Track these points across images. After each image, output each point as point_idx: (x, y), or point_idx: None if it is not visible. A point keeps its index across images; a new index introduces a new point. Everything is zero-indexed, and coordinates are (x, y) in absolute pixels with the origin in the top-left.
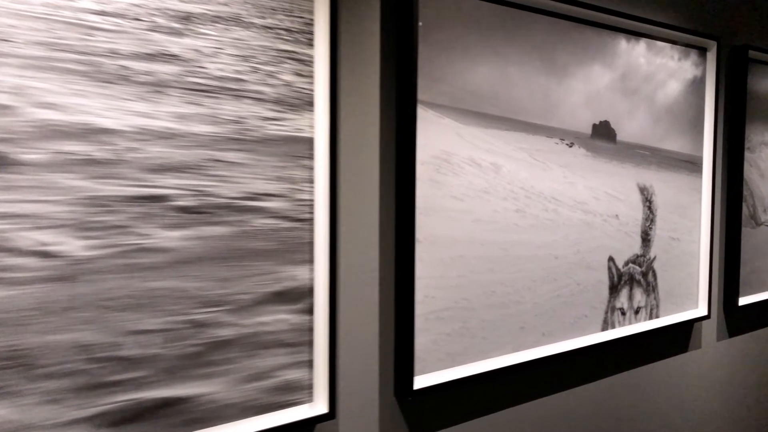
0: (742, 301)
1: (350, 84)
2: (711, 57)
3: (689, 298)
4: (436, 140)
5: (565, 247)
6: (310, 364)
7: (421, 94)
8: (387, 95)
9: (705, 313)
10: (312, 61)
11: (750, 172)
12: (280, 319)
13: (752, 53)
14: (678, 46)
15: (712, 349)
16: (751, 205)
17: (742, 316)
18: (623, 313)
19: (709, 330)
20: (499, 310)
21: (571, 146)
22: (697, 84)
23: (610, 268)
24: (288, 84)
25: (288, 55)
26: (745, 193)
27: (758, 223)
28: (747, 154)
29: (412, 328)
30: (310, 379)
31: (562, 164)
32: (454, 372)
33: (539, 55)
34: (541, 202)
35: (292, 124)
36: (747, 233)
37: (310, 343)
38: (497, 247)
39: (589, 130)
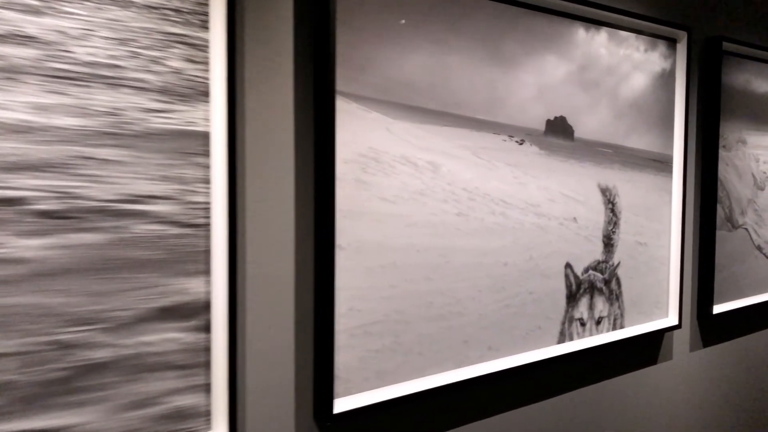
0: (718, 308)
1: (257, 72)
2: (681, 49)
3: (658, 307)
4: (362, 136)
5: (515, 253)
6: (207, 388)
7: (342, 85)
8: (303, 85)
9: (676, 322)
10: (207, 46)
11: (726, 172)
12: (168, 338)
13: (726, 45)
14: (644, 37)
15: (685, 361)
16: (727, 206)
17: (718, 324)
18: (583, 324)
19: (681, 340)
20: (438, 323)
21: (521, 144)
22: (666, 77)
23: (567, 276)
24: (177, 71)
25: (177, 39)
26: (720, 194)
27: (735, 226)
28: (722, 153)
29: (332, 344)
30: (208, 405)
31: (511, 163)
32: (384, 392)
33: (483, 43)
34: (487, 205)
35: (182, 117)
36: (723, 236)
37: (206, 365)
38: (436, 254)
39: (542, 126)
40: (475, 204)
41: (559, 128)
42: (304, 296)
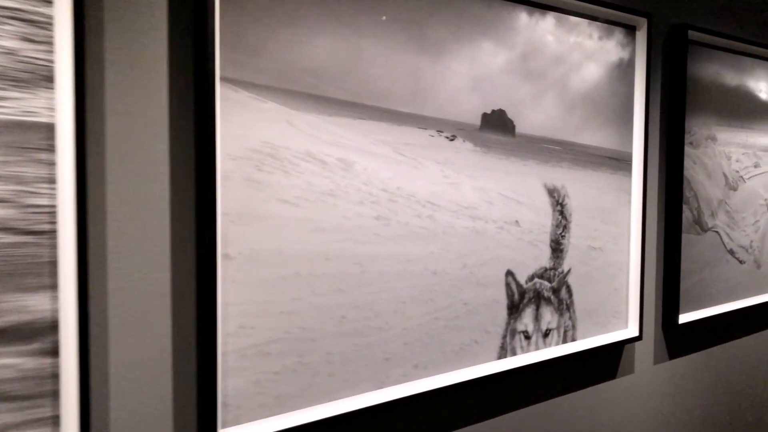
0: (685, 317)
1: (122, 54)
2: (641, 37)
3: (617, 317)
4: (254, 129)
5: (446, 260)
6: (55, 420)
7: (229, 70)
8: (182, 70)
9: (636, 333)
10: (51, 23)
11: (694, 171)
12: (3, 364)
13: (693, 34)
14: (599, 23)
15: (649, 374)
16: (695, 208)
17: (685, 334)
18: (527, 337)
19: (644, 352)
20: (354, 340)
21: (452, 140)
22: (625, 68)
23: (508, 284)
24: (10, 52)
25: (10, 14)
26: (687, 194)
27: (704, 229)
28: (689, 150)
29: (215, 367)
30: None
31: (440, 161)
32: (285, 420)
33: (404, 27)
34: (411, 207)
35: (17, 106)
36: (691, 240)
37: (54, 394)
38: (350, 263)
39: (477, 121)
40: (397, 206)
41: (497, 123)
42: (185, 313)
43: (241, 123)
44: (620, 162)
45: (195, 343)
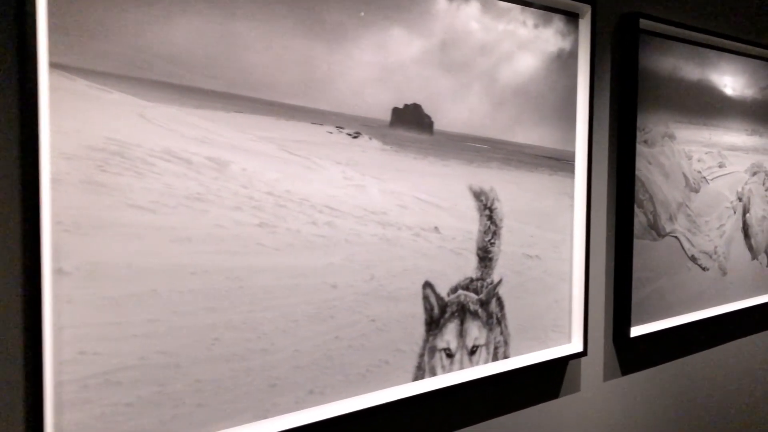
0: (640, 330)
1: None
2: (585, 25)
3: (558, 331)
4: (96, 124)
5: (349, 272)
6: None
7: (61, 55)
8: (2, 56)
9: (580, 348)
10: None
11: (649, 172)
12: None
13: (645, 23)
14: (534, 10)
15: (598, 392)
16: (650, 211)
17: (640, 348)
18: (450, 355)
19: (592, 369)
20: (230, 365)
21: (356, 137)
22: (565, 59)
23: (426, 297)
24: None
25: None
26: (641, 197)
27: (662, 234)
28: (644, 149)
29: (41, 400)
30: None
31: (341, 161)
32: None
33: (291, 9)
34: (305, 213)
35: None
36: (646, 247)
37: None
38: (223, 277)
39: (387, 116)
40: (285, 212)
41: (411, 119)
42: (10, 338)
43: (78, 116)
44: (561, 162)
45: (22, 372)
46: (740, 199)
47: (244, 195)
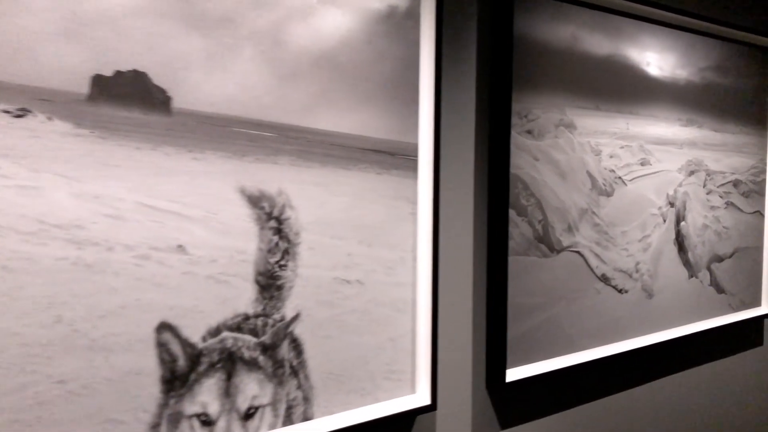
0: (524, 372)
1: None
2: None
3: (393, 378)
4: None
5: (12, 314)
6: None
7: None
8: None
9: (427, 401)
10: None
11: (536, 170)
12: None
13: None
14: None
15: None
16: (538, 220)
17: (527, 395)
18: (207, 423)
19: (454, 425)
20: None
21: (20, 116)
22: (400, 21)
23: (163, 345)
24: None
25: None
26: (524, 202)
27: (556, 249)
28: (527, 141)
29: None
30: None
31: None
32: None
33: None
34: None
35: None
36: (533, 265)
37: None
38: None
39: (83, 88)
40: None
41: (130, 91)
42: None
43: None
44: (396, 157)
45: None
46: (672, 205)
47: None
